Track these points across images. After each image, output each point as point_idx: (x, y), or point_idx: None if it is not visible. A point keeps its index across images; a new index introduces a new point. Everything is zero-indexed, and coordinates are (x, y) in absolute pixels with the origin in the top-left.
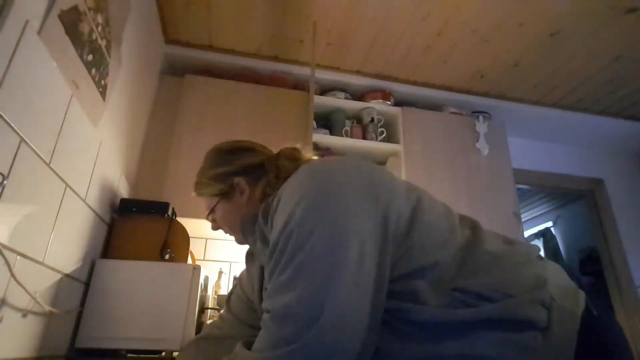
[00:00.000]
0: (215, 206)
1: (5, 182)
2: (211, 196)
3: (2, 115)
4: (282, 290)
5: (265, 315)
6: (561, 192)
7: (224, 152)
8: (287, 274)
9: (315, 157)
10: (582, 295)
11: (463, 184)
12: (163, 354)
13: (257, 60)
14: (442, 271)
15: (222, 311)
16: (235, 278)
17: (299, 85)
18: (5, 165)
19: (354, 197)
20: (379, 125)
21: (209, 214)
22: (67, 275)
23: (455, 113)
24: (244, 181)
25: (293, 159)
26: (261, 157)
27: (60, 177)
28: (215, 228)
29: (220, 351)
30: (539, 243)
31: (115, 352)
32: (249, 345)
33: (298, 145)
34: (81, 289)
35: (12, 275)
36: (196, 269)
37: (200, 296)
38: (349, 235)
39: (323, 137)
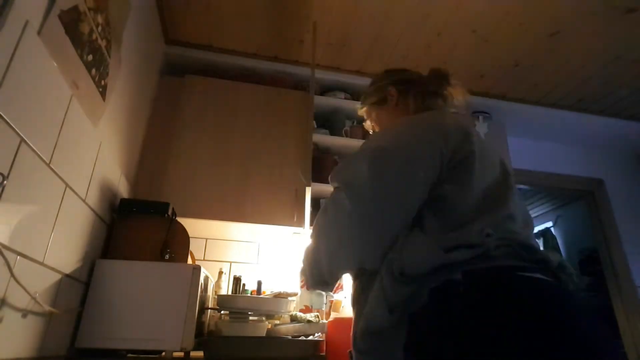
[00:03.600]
0: (372, 113)
1: (5, 182)
2: (371, 105)
3: (2, 115)
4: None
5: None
6: (561, 192)
7: (384, 72)
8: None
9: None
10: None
11: None
12: (163, 354)
13: (257, 60)
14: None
15: None
16: (235, 278)
17: (299, 85)
18: (5, 165)
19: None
20: None
21: (367, 120)
22: (67, 275)
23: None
24: (394, 89)
25: (440, 79)
26: (413, 75)
27: (60, 177)
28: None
29: None
30: (539, 243)
31: (115, 352)
32: None
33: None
34: (81, 289)
35: (12, 275)
36: (196, 269)
37: (200, 296)
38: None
39: (323, 137)
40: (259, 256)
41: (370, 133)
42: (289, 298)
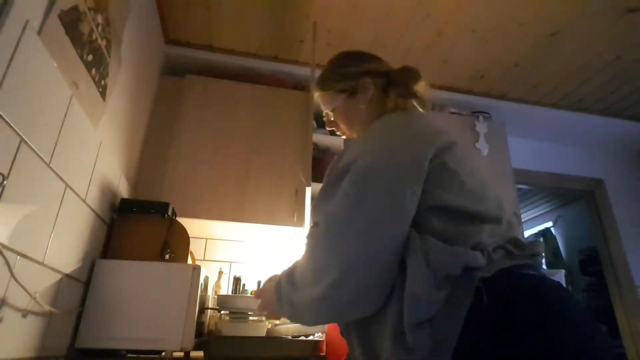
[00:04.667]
0: (339, 102)
1: (5, 182)
2: (337, 92)
3: (2, 115)
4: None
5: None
6: (561, 192)
7: (353, 54)
8: (337, 203)
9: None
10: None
11: None
12: (163, 354)
13: (257, 60)
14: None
15: None
16: (235, 278)
17: (299, 85)
18: (5, 165)
19: (412, 157)
20: None
21: (332, 110)
22: (67, 275)
23: (455, 113)
24: (370, 81)
25: (416, 78)
26: (386, 66)
27: (60, 177)
28: (330, 127)
29: None
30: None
31: (115, 352)
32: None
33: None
34: (81, 289)
35: (12, 275)
36: (196, 269)
37: (200, 296)
38: (403, 187)
39: (323, 137)
40: (258, 256)
41: (330, 122)
42: None
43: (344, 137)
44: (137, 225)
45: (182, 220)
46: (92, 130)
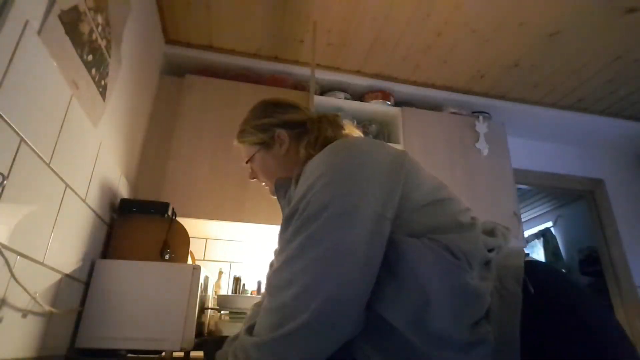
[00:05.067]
0: (254, 154)
1: (5, 182)
2: (252, 144)
3: (2, 115)
4: (290, 260)
5: (268, 288)
6: (561, 192)
7: (270, 104)
8: (295, 244)
9: (354, 130)
10: None
11: (463, 184)
12: (163, 354)
13: (257, 61)
14: None
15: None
16: (235, 278)
17: (299, 85)
18: (5, 165)
19: (372, 178)
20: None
21: (247, 161)
22: (67, 275)
23: (455, 113)
24: (285, 133)
25: (335, 125)
26: (304, 116)
27: (60, 177)
28: (251, 177)
29: None
30: (539, 243)
31: (115, 352)
32: (251, 330)
33: (339, 114)
34: (81, 289)
35: (12, 275)
36: (196, 269)
37: (200, 296)
38: (361, 215)
39: None
40: (258, 256)
41: (250, 173)
42: None
43: (266, 187)
44: (137, 225)
45: (182, 220)
46: (92, 130)
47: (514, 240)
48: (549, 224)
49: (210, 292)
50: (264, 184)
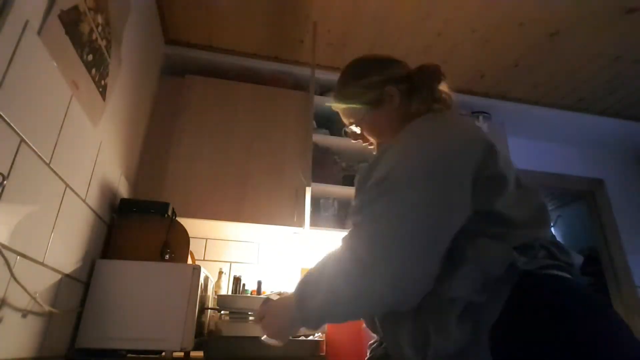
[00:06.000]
0: (364, 115)
1: (5, 182)
2: (362, 104)
3: (2, 115)
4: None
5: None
6: (561, 192)
7: (371, 61)
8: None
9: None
10: None
11: None
12: (163, 354)
13: (257, 60)
14: None
15: None
16: (235, 278)
17: (299, 85)
18: (5, 165)
19: (455, 171)
20: None
21: (356, 124)
22: (67, 275)
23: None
24: (394, 89)
25: (437, 77)
26: (406, 69)
27: (60, 177)
28: (355, 138)
29: None
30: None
31: (115, 352)
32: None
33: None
34: (81, 289)
35: (12, 275)
36: (196, 269)
37: (200, 296)
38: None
39: (323, 137)
40: (259, 256)
41: (355, 135)
42: None
43: (370, 147)
44: (137, 225)
45: (182, 220)
46: (92, 130)
47: None
48: None
49: (210, 292)
50: (367, 144)
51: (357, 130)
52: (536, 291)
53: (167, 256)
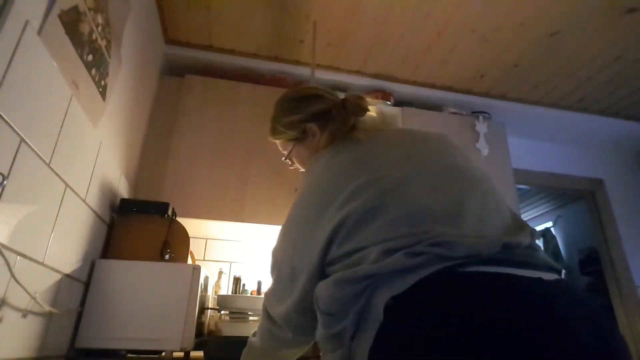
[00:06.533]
0: (291, 150)
1: (5, 182)
2: (286, 141)
3: (2, 115)
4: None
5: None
6: (561, 192)
7: (294, 100)
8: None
9: (376, 110)
10: None
11: None
12: (163, 354)
13: (257, 60)
14: None
15: None
16: (235, 278)
17: (299, 85)
18: (5, 165)
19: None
20: None
21: (285, 157)
22: (67, 275)
23: (455, 113)
24: (315, 126)
25: (358, 108)
26: (329, 103)
27: (60, 177)
28: (292, 166)
29: None
30: (539, 243)
31: (115, 352)
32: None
33: (363, 94)
34: (81, 289)
35: (12, 275)
36: (196, 269)
37: (200, 296)
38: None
39: None
40: (258, 256)
41: (291, 163)
42: None
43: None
44: (137, 225)
45: (182, 220)
46: (92, 130)
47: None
48: (549, 224)
49: (210, 292)
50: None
51: (290, 162)
52: None
53: (167, 256)
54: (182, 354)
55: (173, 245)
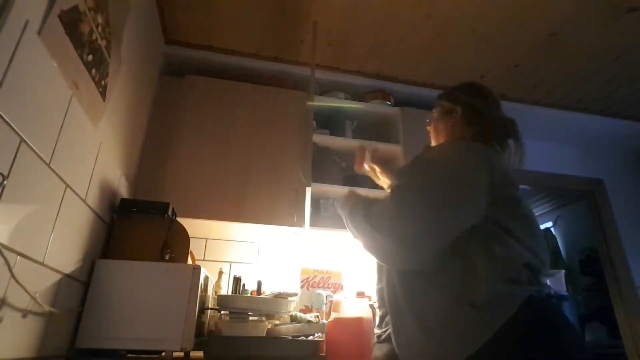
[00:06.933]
0: (434, 112)
1: (5, 182)
2: (439, 105)
3: (2, 115)
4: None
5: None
6: (561, 192)
7: (472, 86)
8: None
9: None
10: None
11: None
12: (163, 354)
13: (257, 60)
14: None
15: None
16: (235, 278)
17: (299, 85)
18: (5, 165)
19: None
20: None
21: (430, 117)
22: (67, 275)
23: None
24: (460, 111)
25: (507, 134)
26: (487, 110)
27: (60, 177)
28: (427, 126)
29: None
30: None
31: (115, 352)
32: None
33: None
34: (81, 289)
35: (12, 275)
36: (196, 269)
37: (200, 296)
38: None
39: (323, 137)
40: (259, 256)
41: (427, 125)
42: (289, 298)
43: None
44: (137, 225)
45: (182, 220)
46: (92, 130)
47: None
48: (549, 224)
49: (210, 292)
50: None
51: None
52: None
53: (167, 256)
54: (182, 354)
55: (173, 246)
